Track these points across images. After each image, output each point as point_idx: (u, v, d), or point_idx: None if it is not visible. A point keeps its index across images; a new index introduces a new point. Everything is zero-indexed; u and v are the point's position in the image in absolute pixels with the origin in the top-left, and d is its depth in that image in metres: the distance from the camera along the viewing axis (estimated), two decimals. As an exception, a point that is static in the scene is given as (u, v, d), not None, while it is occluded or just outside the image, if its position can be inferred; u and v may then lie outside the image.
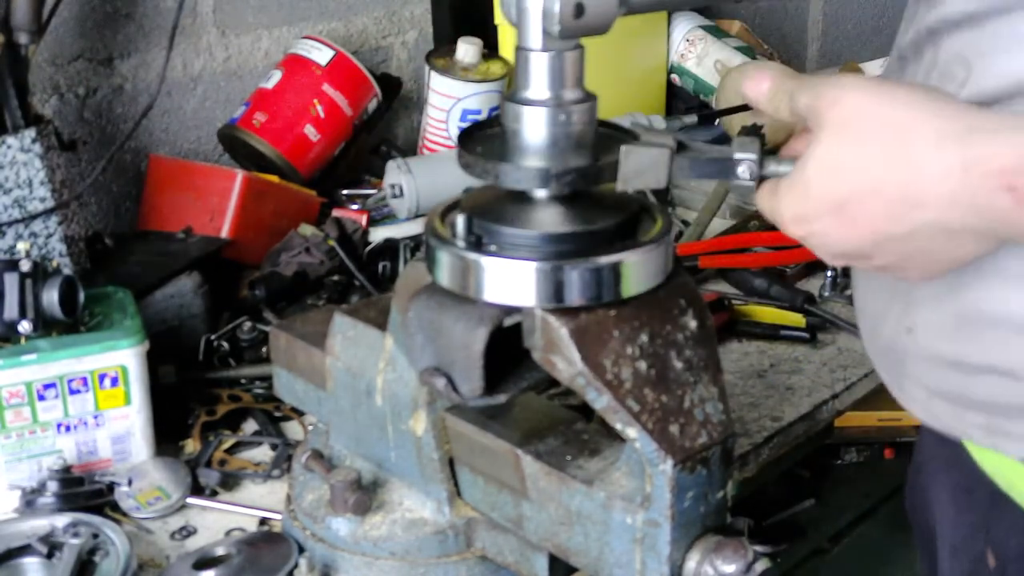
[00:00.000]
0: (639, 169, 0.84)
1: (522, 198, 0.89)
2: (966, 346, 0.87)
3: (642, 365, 0.86)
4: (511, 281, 0.86)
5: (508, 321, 0.88)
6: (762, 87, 0.86)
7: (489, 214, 0.89)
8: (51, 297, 1.21)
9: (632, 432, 0.84)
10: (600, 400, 0.84)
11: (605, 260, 0.86)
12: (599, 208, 0.90)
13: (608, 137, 0.89)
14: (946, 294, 0.87)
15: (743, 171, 0.84)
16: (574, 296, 0.85)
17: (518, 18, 0.84)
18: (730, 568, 0.84)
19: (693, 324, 0.90)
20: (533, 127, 0.86)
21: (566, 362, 0.85)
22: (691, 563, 0.86)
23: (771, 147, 0.86)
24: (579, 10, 0.82)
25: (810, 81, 0.83)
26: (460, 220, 0.88)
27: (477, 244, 0.87)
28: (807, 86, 0.82)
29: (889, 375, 0.98)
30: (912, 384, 0.94)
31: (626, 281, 0.87)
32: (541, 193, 0.89)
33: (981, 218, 0.76)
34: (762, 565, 0.84)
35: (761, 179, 0.84)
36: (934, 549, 1.08)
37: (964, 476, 0.99)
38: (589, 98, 0.87)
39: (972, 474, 0.96)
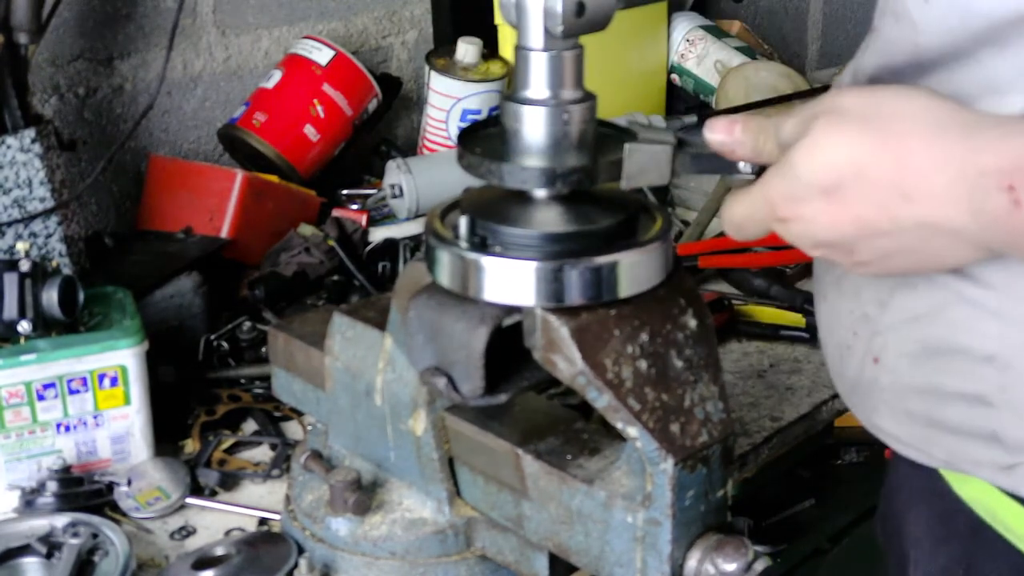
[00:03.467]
0: (643, 167, 0.84)
1: (522, 198, 0.89)
2: (934, 375, 0.85)
3: (642, 364, 0.86)
4: (511, 281, 0.86)
5: (508, 321, 0.88)
6: (734, 129, 0.81)
7: (489, 214, 0.89)
8: (51, 297, 1.21)
9: (633, 431, 0.84)
10: (601, 399, 0.84)
11: (605, 259, 0.85)
12: (599, 207, 0.90)
13: (606, 136, 0.89)
14: (913, 322, 0.85)
15: (744, 164, 0.83)
16: (574, 295, 0.85)
17: (518, 18, 0.84)
18: (731, 566, 0.84)
19: (693, 323, 0.90)
20: (535, 127, 0.86)
21: (567, 361, 0.84)
22: (692, 561, 0.86)
23: None
24: (580, 9, 0.82)
25: (794, 110, 0.79)
26: (463, 221, 0.88)
27: (481, 245, 0.87)
28: (794, 113, 0.78)
29: (860, 408, 0.96)
30: (882, 416, 0.92)
31: (626, 280, 0.86)
32: (541, 193, 0.89)
33: (975, 220, 0.72)
34: (762, 564, 0.84)
35: (761, 171, 0.83)
36: None
37: (942, 505, 0.93)
38: (589, 97, 0.87)
39: (950, 503, 0.91)
